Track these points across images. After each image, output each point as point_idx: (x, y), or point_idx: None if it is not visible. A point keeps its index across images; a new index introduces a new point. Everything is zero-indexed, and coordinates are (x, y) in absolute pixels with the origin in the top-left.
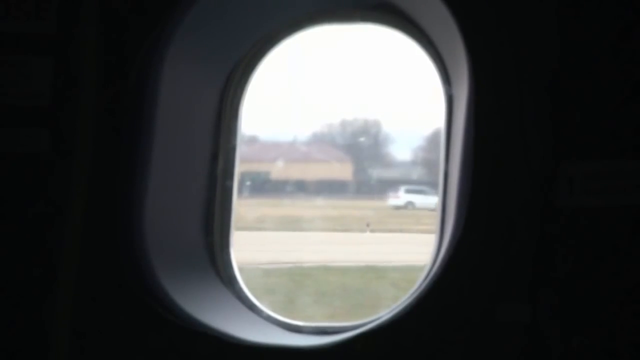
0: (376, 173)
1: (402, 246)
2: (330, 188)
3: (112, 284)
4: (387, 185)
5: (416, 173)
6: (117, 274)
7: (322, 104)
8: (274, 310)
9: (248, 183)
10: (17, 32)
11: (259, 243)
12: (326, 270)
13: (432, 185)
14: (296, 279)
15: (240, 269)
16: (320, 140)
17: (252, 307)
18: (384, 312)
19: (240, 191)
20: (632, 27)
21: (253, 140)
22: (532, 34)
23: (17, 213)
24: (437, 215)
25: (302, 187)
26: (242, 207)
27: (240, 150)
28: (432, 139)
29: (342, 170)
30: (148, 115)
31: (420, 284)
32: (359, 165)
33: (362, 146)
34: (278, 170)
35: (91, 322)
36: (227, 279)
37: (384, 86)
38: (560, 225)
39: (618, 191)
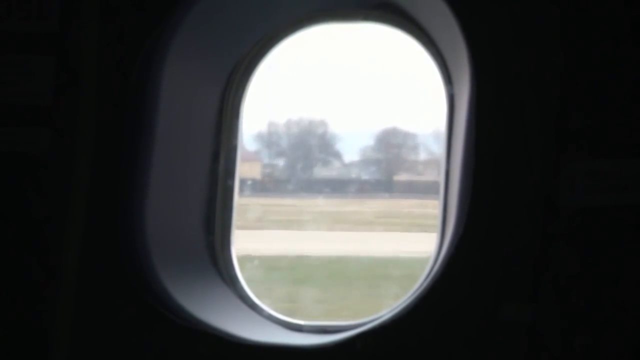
0: (316, 172)
1: None
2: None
3: (113, 283)
4: (324, 185)
5: (358, 172)
6: (118, 273)
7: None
8: None
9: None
10: (19, 31)
11: None
12: None
13: (374, 184)
14: None
15: None
16: (261, 139)
17: (253, 306)
18: (385, 311)
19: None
20: (636, 25)
21: None
22: (535, 33)
23: (18, 213)
24: (439, 214)
25: None
26: None
27: None
28: (382, 138)
29: (250, 169)
30: (149, 115)
31: (422, 283)
32: (295, 165)
33: (304, 146)
34: None
35: (92, 321)
36: (228, 278)
37: (386, 87)
38: (561, 225)
39: (620, 190)
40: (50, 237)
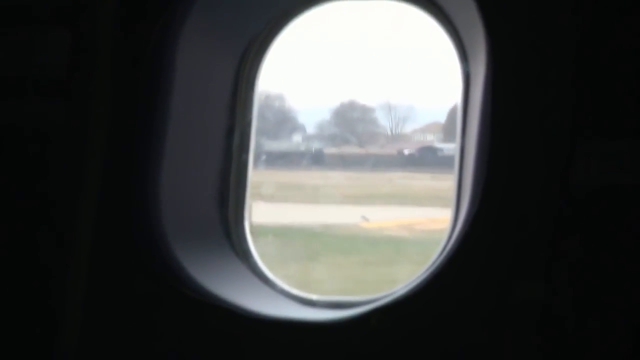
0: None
1: None
2: None
3: (126, 257)
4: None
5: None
6: (131, 246)
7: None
8: None
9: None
10: (35, 4)
11: None
12: None
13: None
14: None
15: None
16: None
17: (266, 281)
18: (399, 287)
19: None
20: None
21: None
22: (552, 11)
23: (32, 186)
24: (453, 191)
25: None
26: None
27: None
28: (339, 113)
29: None
30: (164, 90)
31: (436, 260)
32: None
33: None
34: None
35: (105, 295)
36: (241, 253)
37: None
38: (576, 204)
39: (635, 170)
40: (64, 211)
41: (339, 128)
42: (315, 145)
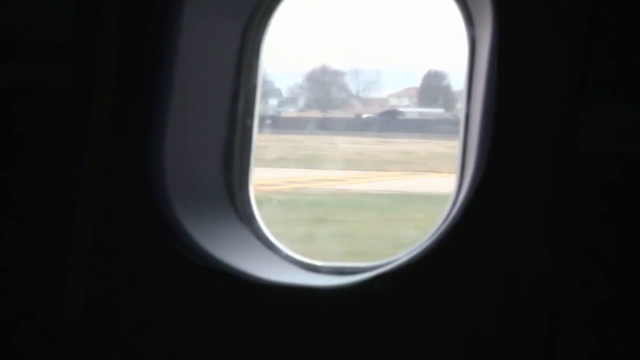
0: None
1: None
2: None
3: (130, 221)
4: None
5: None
6: (135, 211)
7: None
8: None
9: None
10: None
11: None
12: None
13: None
14: None
15: None
16: None
17: (270, 246)
18: (403, 253)
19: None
20: None
21: None
22: None
23: (38, 148)
24: (458, 157)
25: None
26: None
27: None
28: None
29: None
30: (169, 53)
31: (440, 226)
32: None
33: None
34: None
35: (109, 259)
36: (245, 218)
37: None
38: (580, 170)
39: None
40: (68, 174)
41: (310, 92)
42: (289, 110)
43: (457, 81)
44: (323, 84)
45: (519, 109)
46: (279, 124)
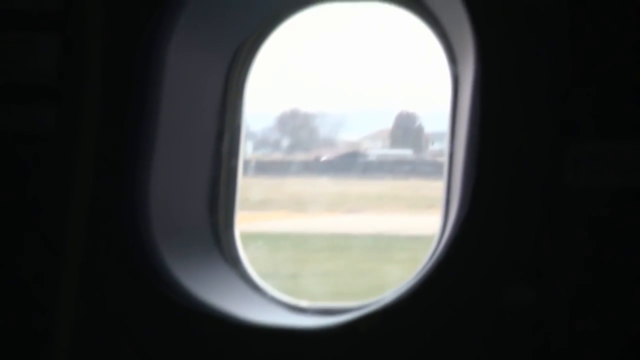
0: None
1: None
2: None
3: (115, 264)
4: None
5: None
6: (121, 253)
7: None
8: None
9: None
10: (24, 8)
11: None
12: None
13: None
14: None
15: None
16: None
17: (256, 288)
18: (389, 293)
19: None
20: None
21: None
22: (541, 13)
23: (20, 193)
24: (442, 195)
25: None
26: None
27: None
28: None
29: None
30: (153, 94)
31: (425, 265)
32: None
33: None
34: None
35: (94, 302)
36: (231, 259)
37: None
38: (566, 206)
39: (624, 171)
40: (53, 217)
41: (281, 135)
42: (262, 152)
43: (429, 122)
44: (293, 128)
45: (503, 147)
46: (262, 167)
